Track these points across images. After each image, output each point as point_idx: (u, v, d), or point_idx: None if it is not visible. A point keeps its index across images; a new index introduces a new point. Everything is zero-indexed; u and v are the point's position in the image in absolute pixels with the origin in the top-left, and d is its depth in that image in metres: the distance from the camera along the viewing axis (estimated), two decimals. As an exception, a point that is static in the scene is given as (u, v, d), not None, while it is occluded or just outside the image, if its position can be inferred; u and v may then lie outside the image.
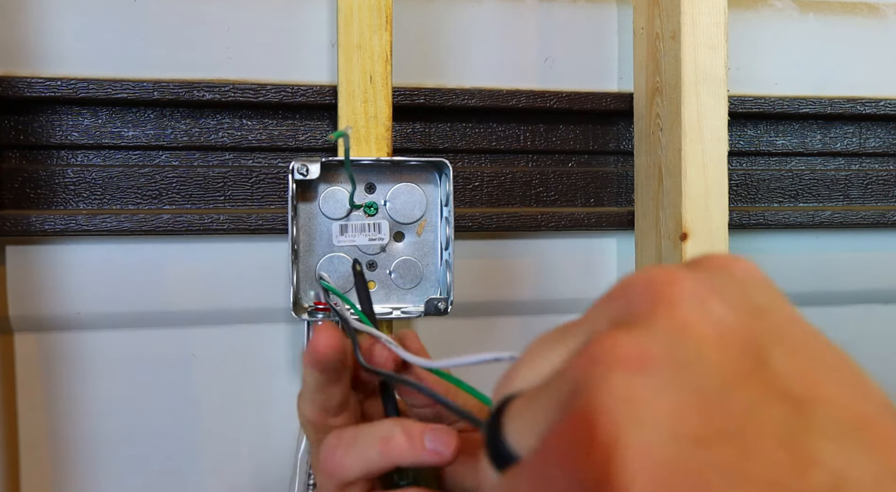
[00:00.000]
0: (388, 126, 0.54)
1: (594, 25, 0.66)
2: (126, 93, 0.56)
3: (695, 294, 0.20)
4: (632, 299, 0.20)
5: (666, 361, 0.18)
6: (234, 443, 0.62)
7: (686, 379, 0.18)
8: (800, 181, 0.70)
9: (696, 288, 0.20)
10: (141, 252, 0.58)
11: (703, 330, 0.19)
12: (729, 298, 0.20)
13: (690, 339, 0.19)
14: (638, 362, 0.18)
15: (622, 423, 0.17)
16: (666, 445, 0.17)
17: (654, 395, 0.17)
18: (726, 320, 0.19)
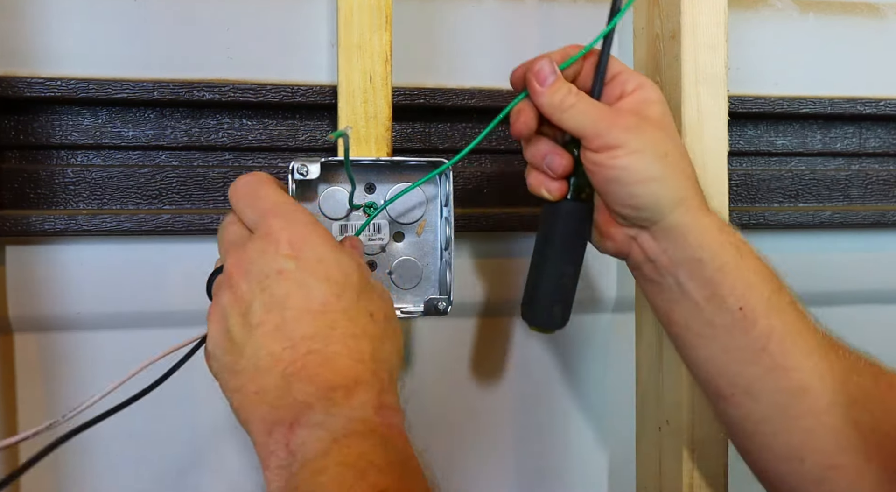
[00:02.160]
0: (388, 126, 0.54)
1: (594, 25, 0.65)
2: (126, 93, 0.56)
3: (229, 272, 0.40)
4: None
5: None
6: (234, 443, 0.62)
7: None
8: (800, 181, 0.70)
9: (232, 266, 0.40)
10: (141, 252, 0.58)
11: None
12: (252, 269, 0.39)
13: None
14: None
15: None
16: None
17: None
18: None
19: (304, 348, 0.37)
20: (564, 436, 0.69)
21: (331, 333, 0.37)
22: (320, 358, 0.36)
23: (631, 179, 0.45)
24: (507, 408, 0.67)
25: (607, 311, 0.68)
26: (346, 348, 0.37)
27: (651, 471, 0.61)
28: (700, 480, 0.57)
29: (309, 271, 0.38)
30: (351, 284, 0.39)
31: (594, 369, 0.69)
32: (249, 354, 0.37)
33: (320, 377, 0.36)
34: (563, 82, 0.46)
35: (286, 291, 0.38)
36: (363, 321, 0.38)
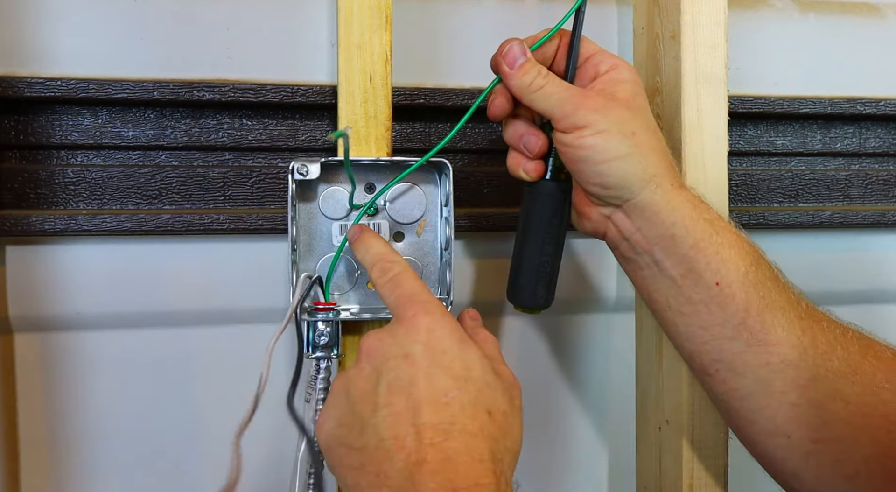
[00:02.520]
0: (388, 126, 0.54)
1: (594, 25, 0.65)
2: (126, 93, 0.56)
3: (362, 348, 0.42)
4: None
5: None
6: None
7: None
8: (800, 181, 0.70)
9: (366, 342, 0.42)
10: (141, 252, 0.58)
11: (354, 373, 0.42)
12: (382, 349, 0.41)
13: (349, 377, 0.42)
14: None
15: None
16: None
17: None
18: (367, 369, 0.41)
19: (427, 439, 0.37)
20: (564, 436, 0.69)
21: (450, 427, 0.37)
22: (442, 454, 0.37)
23: (598, 158, 0.46)
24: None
25: (607, 311, 0.68)
26: (464, 447, 0.37)
27: (651, 471, 0.61)
28: (700, 480, 0.57)
29: (434, 361, 0.39)
30: (472, 378, 0.39)
31: (594, 369, 0.69)
32: (371, 433, 0.38)
33: (442, 475, 0.36)
34: (532, 64, 0.47)
35: (412, 376, 0.39)
36: (481, 419, 0.38)
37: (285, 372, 0.61)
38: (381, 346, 0.41)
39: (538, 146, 0.49)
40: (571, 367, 0.68)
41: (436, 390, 0.38)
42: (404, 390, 0.38)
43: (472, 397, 0.39)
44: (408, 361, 0.39)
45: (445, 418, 0.38)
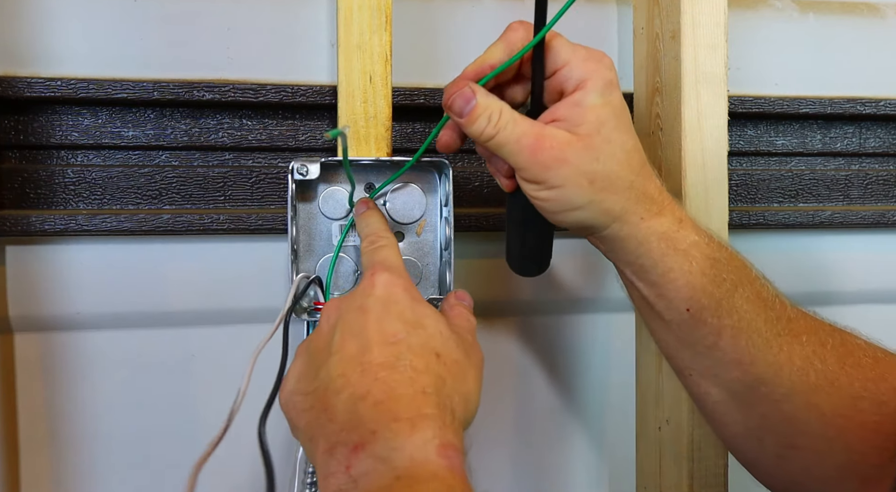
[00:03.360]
0: (388, 126, 0.54)
1: (594, 25, 0.66)
2: (126, 93, 0.56)
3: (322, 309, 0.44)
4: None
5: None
6: (233, 443, 0.62)
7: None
8: (800, 181, 0.70)
9: (327, 304, 0.43)
10: (141, 252, 0.58)
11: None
12: (341, 305, 0.42)
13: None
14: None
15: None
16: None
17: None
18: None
19: (372, 375, 0.38)
20: (564, 436, 0.69)
21: (396, 362, 0.38)
22: (386, 386, 0.37)
23: (555, 209, 0.45)
24: (507, 408, 0.67)
25: (607, 311, 0.68)
26: (408, 379, 0.38)
27: (651, 471, 0.61)
28: (700, 480, 0.57)
29: (386, 309, 0.40)
30: (423, 325, 0.40)
31: (594, 369, 0.69)
32: (323, 377, 0.39)
33: (384, 405, 0.36)
34: (482, 110, 0.43)
35: (363, 323, 0.40)
36: (428, 359, 0.39)
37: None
38: (339, 304, 0.42)
39: (506, 169, 0.47)
40: (571, 367, 0.68)
41: (384, 333, 0.39)
42: (355, 335, 0.39)
43: (422, 341, 0.39)
44: (361, 311, 0.40)
45: (391, 355, 0.38)
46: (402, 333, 0.39)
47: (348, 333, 0.40)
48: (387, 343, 0.39)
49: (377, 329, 0.39)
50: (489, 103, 0.44)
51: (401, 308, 0.40)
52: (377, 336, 0.39)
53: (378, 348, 0.38)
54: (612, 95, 0.44)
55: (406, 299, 0.41)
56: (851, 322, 0.74)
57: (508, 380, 0.67)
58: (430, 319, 0.41)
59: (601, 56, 0.45)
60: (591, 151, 0.43)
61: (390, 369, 0.38)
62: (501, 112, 0.44)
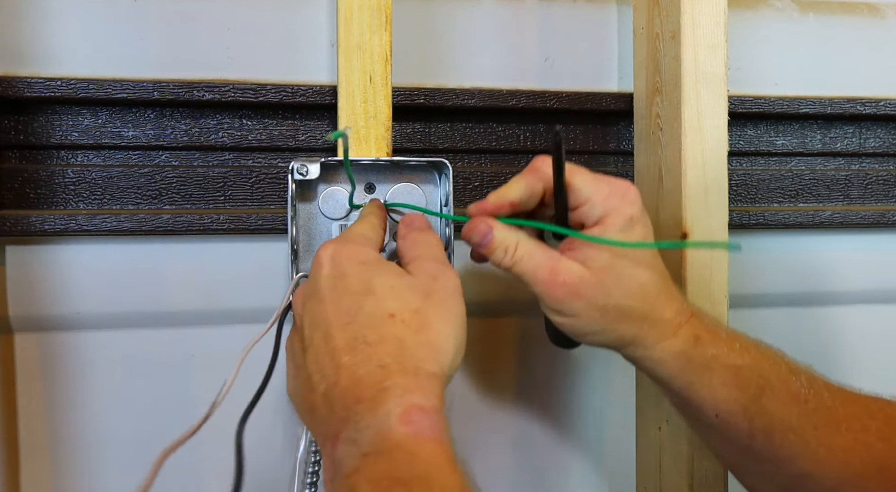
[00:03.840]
0: (388, 126, 0.54)
1: (594, 25, 0.66)
2: (126, 93, 0.56)
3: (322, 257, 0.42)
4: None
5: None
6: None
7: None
8: (800, 181, 0.70)
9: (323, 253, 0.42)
10: (141, 252, 0.58)
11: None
12: (303, 295, 0.43)
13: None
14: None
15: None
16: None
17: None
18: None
19: (339, 362, 0.38)
20: (564, 436, 0.69)
21: (355, 344, 0.38)
22: (348, 371, 0.38)
23: (572, 332, 0.48)
24: (507, 408, 0.67)
25: (607, 311, 0.68)
26: (365, 358, 0.38)
27: (651, 471, 0.61)
28: (700, 480, 0.57)
29: (335, 287, 0.41)
30: (372, 289, 0.40)
31: (594, 369, 0.69)
32: (304, 376, 0.40)
33: (349, 392, 0.37)
34: (498, 243, 0.46)
35: (322, 310, 0.40)
36: (381, 326, 0.39)
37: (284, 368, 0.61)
38: (302, 293, 0.43)
39: None
40: (571, 367, 0.68)
41: (339, 313, 0.40)
42: (318, 325, 0.40)
43: (373, 308, 0.40)
44: (317, 299, 0.41)
45: (349, 336, 0.39)
46: (353, 307, 0.40)
47: (313, 325, 0.40)
48: (343, 324, 0.39)
49: (334, 312, 0.40)
50: (505, 237, 0.46)
51: (348, 281, 0.41)
52: (335, 319, 0.40)
53: (338, 332, 0.39)
54: (633, 231, 0.46)
55: (352, 267, 0.41)
56: (851, 322, 0.75)
57: (508, 380, 0.67)
58: (379, 277, 0.41)
59: (625, 190, 0.46)
60: (603, 287, 0.45)
61: (351, 352, 0.38)
62: (517, 245, 0.46)
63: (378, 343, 0.38)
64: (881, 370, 0.73)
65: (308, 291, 0.42)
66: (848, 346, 0.73)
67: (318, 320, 0.40)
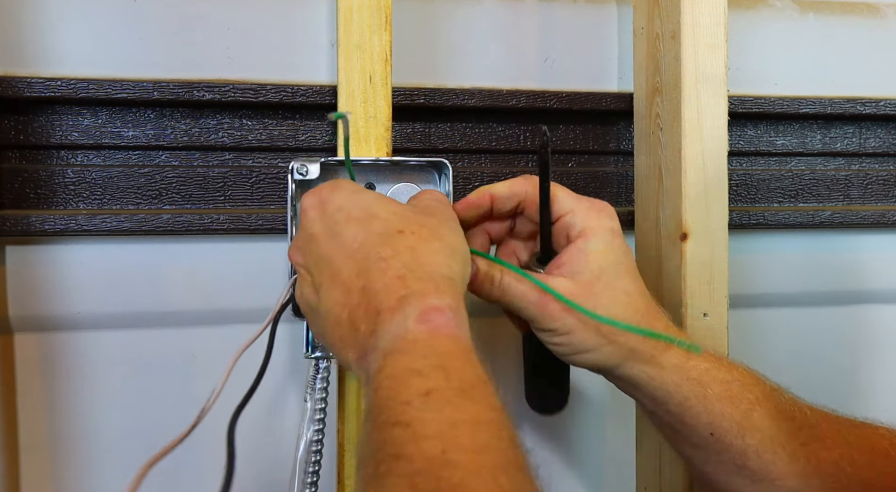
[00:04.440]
0: (388, 126, 0.54)
1: (594, 25, 0.66)
2: (126, 93, 0.56)
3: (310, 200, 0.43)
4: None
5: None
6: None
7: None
8: (800, 181, 0.70)
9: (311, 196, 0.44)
10: (141, 252, 0.58)
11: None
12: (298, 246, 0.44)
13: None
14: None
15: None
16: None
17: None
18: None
19: (356, 287, 0.39)
20: (564, 436, 0.69)
21: (366, 264, 0.39)
22: (365, 290, 0.39)
23: (567, 352, 0.47)
24: (507, 408, 0.67)
25: (607, 311, 0.68)
26: (380, 272, 0.39)
27: (651, 471, 0.61)
28: (700, 480, 0.57)
29: (333, 221, 0.41)
30: (375, 214, 0.41)
31: (594, 369, 0.69)
32: (324, 313, 0.41)
33: (370, 306, 0.38)
34: (484, 274, 0.46)
35: (324, 247, 0.41)
36: (393, 240, 0.40)
37: (283, 367, 0.61)
38: (295, 249, 0.44)
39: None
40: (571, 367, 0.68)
41: (344, 244, 0.41)
42: (324, 262, 0.41)
43: (381, 228, 0.41)
44: (316, 241, 0.42)
45: (360, 258, 0.40)
46: (360, 233, 0.40)
47: (319, 265, 0.41)
48: (352, 251, 0.40)
49: (338, 245, 0.41)
50: (489, 268, 0.46)
51: (347, 211, 0.42)
52: (340, 250, 0.40)
53: (347, 261, 0.40)
54: (615, 242, 0.47)
55: (347, 199, 0.42)
56: (851, 322, 0.75)
57: (508, 380, 0.67)
58: (379, 203, 0.42)
59: (603, 206, 0.48)
60: (593, 298, 0.46)
61: (364, 273, 0.39)
62: (502, 274, 0.46)
63: (392, 256, 0.39)
64: (881, 371, 0.74)
65: (303, 239, 0.43)
66: (848, 346, 0.73)
67: (324, 258, 0.41)
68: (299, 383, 0.60)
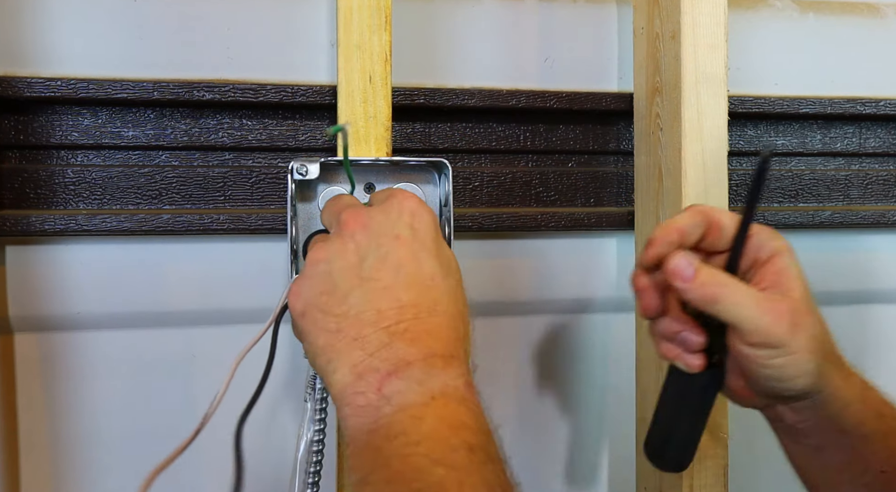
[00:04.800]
0: (388, 126, 0.54)
1: (594, 25, 0.66)
2: (126, 93, 0.56)
3: (347, 223, 0.42)
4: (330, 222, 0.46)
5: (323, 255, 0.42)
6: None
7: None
8: (800, 181, 0.70)
9: (351, 219, 0.42)
10: (141, 252, 0.58)
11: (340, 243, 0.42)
12: (372, 226, 0.41)
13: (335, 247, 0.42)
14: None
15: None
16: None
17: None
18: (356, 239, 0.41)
19: (411, 314, 0.39)
20: (564, 436, 0.69)
21: (435, 307, 0.40)
22: (424, 326, 0.39)
23: (785, 376, 0.43)
24: (507, 408, 0.67)
25: (607, 311, 0.68)
26: (447, 323, 0.40)
27: (651, 471, 0.61)
28: (700, 480, 0.57)
29: (423, 245, 0.41)
30: (453, 270, 0.42)
31: (594, 369, 0.69)
32: (354, 303, 0.40)
33: (423, 343, 0.38)
34: (704, 274, 0.42)
35: (401, 256, 0.40)
36: (460, 306, 0.41)
37: (283, 368, 0.61)
38: (371, 224, 0.42)
39: (699, 344, 0.45)
40: (571, 367, 0.68)
41: (423, 273, 0.40)
42: (392, 268, 0.40)
43: (453, 287, 0.41)
44: (399, 242, 0.41)
45: (429, 298, 0.40)
46: (438, 276, 0.41)
47: (383, 263, 0.40)
48: (425, 285, 0.40)
49: (416, 267, 0.40)
50: (710, 269, 0.43)
51: (437, 248, 0.42)
52: (416, 274, 0.40)
53: (417, 289, 0.40)
54: (794, 254, 0.45)
55: (438, 238, 0.42)
56: (852, 322, 0.75)
57: (508, 380, 0.67)
58: (453, 261, 0.43)
59: (771, 228, 0.46)
60: (809, 314, 0.43)
61: (429, 313, 0.39)
62: (720, 277, 0.43)
63: (458, 317, 0.40)
64: (881, 370, 0.73)
65: (381, 227, 0.41)
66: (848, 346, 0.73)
67: (394, 264, 0.40)
68: (299, 384, 0.60)
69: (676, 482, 0.58)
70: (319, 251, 0.42)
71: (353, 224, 0.41)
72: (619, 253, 0.67)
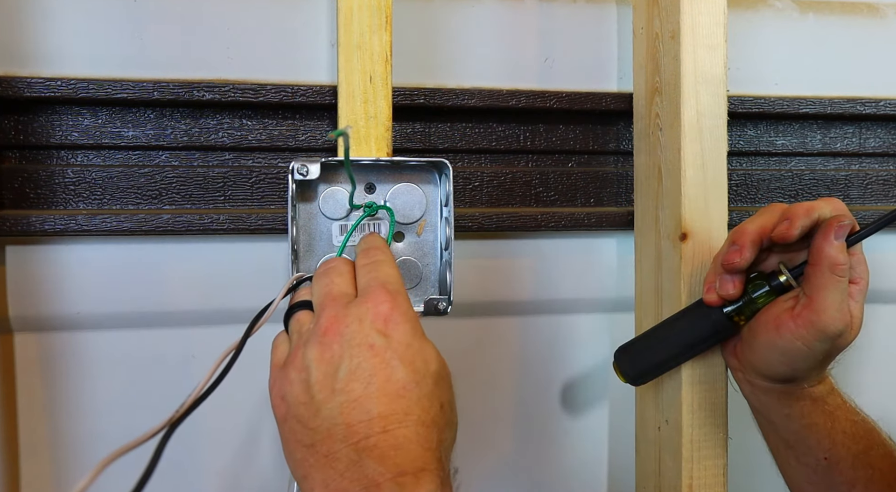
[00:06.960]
0: (388, 126, 0.54)
1: (594, 25, 0.66)
2: (126, 93, 0.56)
3: (327, 332, 0.41)
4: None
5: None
6: (233, 443, 0.62)
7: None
8: (800, 181, 0.70)
9: (331, 326, 0.41)
10: (141, 252, 0.58)
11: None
12: (346, 335, 0.41)
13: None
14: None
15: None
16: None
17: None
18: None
19: (379, 427, 0.38)
20: (564, 436, 0.69)
21: (404, 418, 0.39)
22: (393, 440, 0.38)
23: (797, 359, 0.50)
24: (507, 408, 0.67)
25: (607, 311, 0.68)
26: (416, 435, 0.39)
27: (651, 471, 0.61)
28: (700, 480, 0.57)
29: (396, 353, 0.40)
30: (429, 372, 0.41)
31: (594, 369, 0.69)
32: (325, 416, 0.39)
33: (391, 460, 0.37)
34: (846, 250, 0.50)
35: (373, 366, 0.40)
36: (434, 411, 0.40)
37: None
38: (346, 332, 0.41)
39: (731, 294, 0.51)
40: (571, 367, 0.68)
41: (394, 383, 0.39)
42: (364, 379, 0.39)
43: (429, 391, 0.40)
44: (372, 351, 0.40)
45: (400, 409, 0.39)
46: (411, 384, 0.40)
47: (356, 375, 0.40)
48: (396, 395, 0.39)
49: (386, 376, 0.39)
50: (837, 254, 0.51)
51: (412, 353, 0.40)
52: (386, 384, 0.39)
53: (387, 399, 0.39)
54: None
55: (415, 342, 0.41)
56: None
57: (508, 380, 0.67)
58: (433, 359, 0.41)
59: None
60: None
61: (398, 424, 0.38)
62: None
63: (431, 426, 0.39)
64: (881, 370, 0.74)
65: (360, 338, 0.41)
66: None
67: (365, 376, 0.39)
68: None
69: (676, 482, 0.58)
70: (298, 355, 0.42)
71: (331, 333, 0.41)
72: (619, 253, 0.67)
